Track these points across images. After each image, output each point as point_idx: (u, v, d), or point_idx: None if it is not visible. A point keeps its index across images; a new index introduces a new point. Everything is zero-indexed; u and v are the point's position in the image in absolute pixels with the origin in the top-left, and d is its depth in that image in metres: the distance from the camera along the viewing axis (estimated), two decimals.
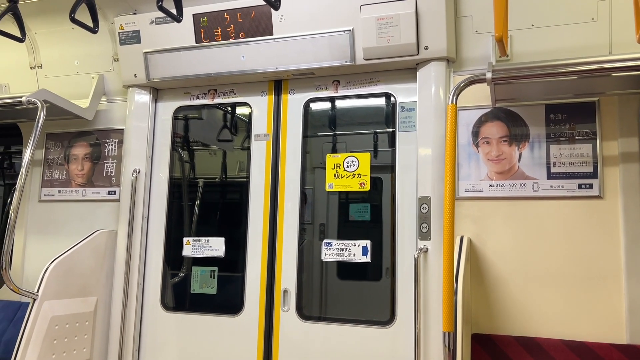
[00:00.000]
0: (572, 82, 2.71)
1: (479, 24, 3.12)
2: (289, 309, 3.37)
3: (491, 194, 3.01)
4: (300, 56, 3.36)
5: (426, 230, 3.06)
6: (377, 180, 3.59)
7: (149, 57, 3.68)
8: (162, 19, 3.56)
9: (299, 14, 3.31)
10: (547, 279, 2.85)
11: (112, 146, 3.92)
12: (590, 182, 2.85)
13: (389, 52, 3.18)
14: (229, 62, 3.50)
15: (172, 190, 3.82)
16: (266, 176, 3.56)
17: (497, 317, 2.91)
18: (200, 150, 4.23)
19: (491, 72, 2.55)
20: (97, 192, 3.89)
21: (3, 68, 4.23)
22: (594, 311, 2.76)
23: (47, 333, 3.10)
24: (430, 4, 3.06)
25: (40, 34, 4.02)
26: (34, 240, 3.95)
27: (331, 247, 3.33)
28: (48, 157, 4.07)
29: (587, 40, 2.90)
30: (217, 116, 4.13)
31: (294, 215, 3.46)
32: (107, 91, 3.99)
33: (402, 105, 3.34)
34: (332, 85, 3.51)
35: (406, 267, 3.16)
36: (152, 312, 3.67)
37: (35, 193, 4.04)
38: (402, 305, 3.14)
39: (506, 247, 2.94)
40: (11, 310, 3.71)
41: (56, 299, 3.22)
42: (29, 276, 3.88)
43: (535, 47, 3.01)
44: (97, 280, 3.57)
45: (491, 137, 3.06)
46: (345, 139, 3.83)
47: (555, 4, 2.98)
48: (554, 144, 2.94)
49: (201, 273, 3.69)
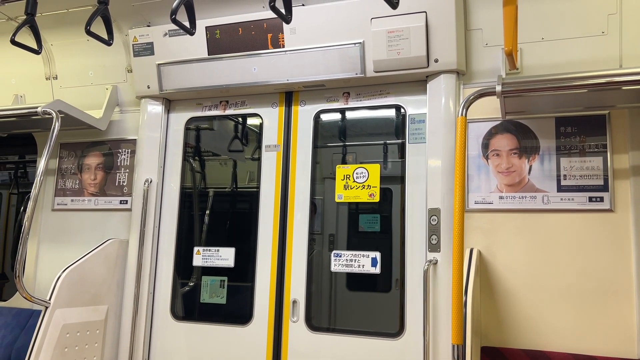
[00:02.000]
0: (582, 95, 2.70)
1: (489, 37, 3.14)
2: (297, 320, 3.37)
3: (501, 207, 3.01)
4: (311, 68, 3.39)
5: (435, 242, 3.06)
6: (387, 191, 3.59)
7: (162, 68, 3.73)
8: (175, 31, 3.61)
9: (310, 26, 3.35)
10: (557, 292, 2.83)
11: (125, 156, 3.97)
12: (601, 195, 2.84)
13: (399, 64, 3.20)
14: (241, 74, 3.54)
15: (183, 200, 3.86)
16: (276, 186, 3.58)
17: (507, 330, 2.90)
18: (211, 161, 4.26)
19: (501, 85, 2.56)
20: (109, 202, 3.93)
21: (19, 79, 4.31)
22: (605, 325, 2.74)
23: (58, 341, 3.13)
24: (440, 17, 3.08)
25: (56, 46, 4.10)
26: (47, 248, 4.00)
27: (340, 258, 3.33)
28: (62, 166, 4.13)
29: (598, 53, 2.91)
30: (228, 127, 4.16)
31: (303, 226, 3.47)
32: (120, 102, 4.05)
33: (412, 117, 3.35)
34: (343, 97, 3.53)
35: (416, 279, 3.15)
36: (162, 321, 3.69)
37: (49, 202, 4.09)
38: (411, 317, 3.14)
39: (516, 260, 2.93)
40: (23, 318, 3.75)
41: (68, 307, 3.25)
42: (41, 284, 3.93)
43: (545, 60, 3.01)
44: (108, 288, 3.61)
45: (501, 150, 3.06)
46: (355, 149, 3.84)
47: (565, 17, 2.99)
48: (564, 156, 2.94)
49: (211, 283, 3.71)
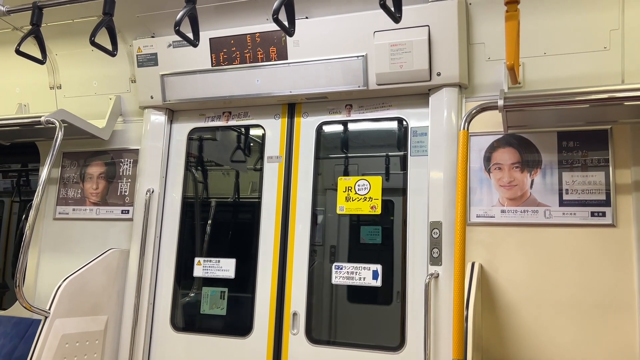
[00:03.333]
0: (585, 110, 2.71)
1: (492, 51, 3.15)
2: (297, 332, 3.36)
3: (503, 220, 3.00)
4: (314, 80, 3.40)
5: (437, 255, 3.05)
6: (389, 203, 3.58)
7: (165, 79, 3.75)
8: (179, 42, 3.64)
9: (314, 39, 3.37)
10: (559, 307, 2.82)
11: (127, 166, 3.97)
12: (603, 210, 2.83)
13: (401, 77, 3.21)
14: (244, 85, 3.56)
15: (184, 210, 3.86)
16: (278, 197, 3.58)
17: (509, 345, 2.88)
18: (213, 171, 4.27)
19: (503, 99, 2.57)
20: (110, 211, 3.93)
21: (23, 88, 4.33)
22: (607, 340, 2.72)
23: (57, 351, 3.11)
24: (443, 31, 3.10)
25: (61, 56, 4.12)
26: (48, 257, 3.99)
27: (341, 271, 3.32)
28: (64, 175, 4.13)
29: (600, 68, 2.91)
30: (230, 137, 4.17)
31: (304, 237, 3.46)
32: (123, 112, 4.06)
33: (414, 130, 3.36)
34: (345, 109, 3.54)
35: (417, 292, 3.14)
36: (162, 332, 3.67)
37: (50, 211, 4.09)
38: (412, 331, 3.12)
39: (518, 274, 2.92)
40: (23, 327, 3.73)
41: (67, 317, 3.24)
42: (41, 293, 3.91)
43: (547, 74, 3.02)
44: (108, 298, 3.60)
45: (503, 163, 3.06)
46: (357, 161, 3.84)
47: (567, 32, 3.00)
48: (566, 171, 2.94)
49: (211, 294, 3.70)
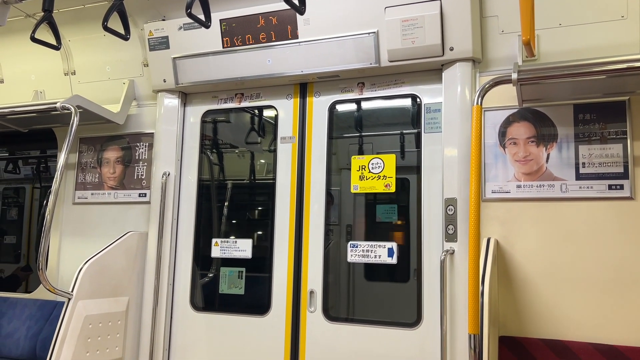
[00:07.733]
0: (601, 82, 2.66)
1: (505, 23, 3.09)
2: (315, 310, 3.39)
3: (519, 195, 2.98)
4: (325, 59, 3.38)
5: (452, 232, 3.05)
6: (404, 181, 3.58)
7: (177, 62, 3.75)
8: (190, 24, 3.63)
9: (324, 17, 3.34)
10: (576, 281, 2.81)
11: (143, 149, 4.01)
12: (621, 183, 2.80)
13: (414, 53, 3.18)
14: (256, 66, 3.55)
15: (200, 192, 3.89)
16: (292, 178, 3.60)
17: (525, 320, 2.88)
18: (227, 153, 4.29)
19: (517, 72, 2.53)
20: (128, 195, 3.99)
21: (39, 75, 4.37)
22: (625, 314, 2.70)
23: (81, 332, 3.20)
24: (455, 4, 3.05)
25: (74, 42, 4.15)
26: (69, 241, 4.08)
27: (357, 249, 3.34)
28: (81, 160, 4.19)
29: (617, 38, 2.85)
30: (244, 119, 4.18)
31: (319, 217, 3.48)
32: (137, 96, 4.09)
33: (427, 107, 3.33)
34: (357, 87, 3.52)
35: (433, 269, 3.15)
36: (182, 312, 3.74)
37: (70, 196, 4.16)
38: (428, 307, 3.14)
39: (534, 249, 2.91)
40: (47, 310, 3.84)
41: (90, 299, 3.32)
42: (64, 276, 4.01)
43: (563, 46, 2.96)
44: (129, 280, 3.67)
45: (518, 138, 3.02)
46: (371, 140, 3.83)
47: (583, 1, 2.93)
48: (583, 144, 2.90)
49: (229, 274, 3.75)
